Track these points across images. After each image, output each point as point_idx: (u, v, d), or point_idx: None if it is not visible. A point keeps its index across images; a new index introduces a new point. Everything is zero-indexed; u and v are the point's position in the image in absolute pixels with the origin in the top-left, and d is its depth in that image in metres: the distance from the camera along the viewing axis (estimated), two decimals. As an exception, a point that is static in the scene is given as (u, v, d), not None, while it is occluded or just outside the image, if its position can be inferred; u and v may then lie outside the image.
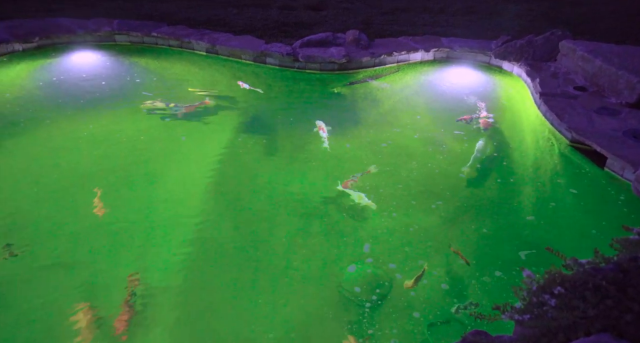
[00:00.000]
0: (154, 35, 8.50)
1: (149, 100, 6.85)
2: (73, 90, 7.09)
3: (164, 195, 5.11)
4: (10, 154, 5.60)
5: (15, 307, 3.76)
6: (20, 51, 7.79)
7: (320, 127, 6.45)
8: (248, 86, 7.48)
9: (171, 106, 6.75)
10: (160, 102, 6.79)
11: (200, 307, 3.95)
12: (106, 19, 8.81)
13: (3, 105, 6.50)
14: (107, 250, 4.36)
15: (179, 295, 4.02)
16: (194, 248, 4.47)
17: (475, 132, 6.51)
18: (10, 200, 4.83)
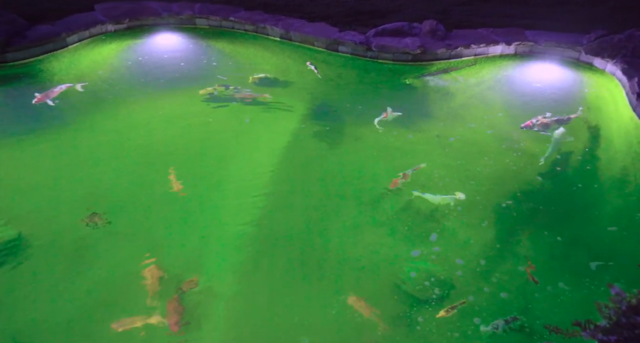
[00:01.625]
0: (232, 20, 8.75)
1: (217, 84, 7.07)
2: (155, 70, 7.49)
3: (232, 176, 5.27)
4: (96, 128, 6.02)
5: (95, 266, 4.08)
6: (113, 32, 8.36)
7: (387, 113, 6.37)
8: (314, 68, 7.53)
9: (229, 89, 6.92)
10: (228, 87, 6.99)
11: (259, 286, 4.05)
12: (189, 3, 9.19)
13: (95, 83, 7.01)
14: (178, 223, 4.59)
15: (239, 274, 4.15)
16: (258, 229, 4.57)
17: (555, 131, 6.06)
18: (94, 172, 5.20)
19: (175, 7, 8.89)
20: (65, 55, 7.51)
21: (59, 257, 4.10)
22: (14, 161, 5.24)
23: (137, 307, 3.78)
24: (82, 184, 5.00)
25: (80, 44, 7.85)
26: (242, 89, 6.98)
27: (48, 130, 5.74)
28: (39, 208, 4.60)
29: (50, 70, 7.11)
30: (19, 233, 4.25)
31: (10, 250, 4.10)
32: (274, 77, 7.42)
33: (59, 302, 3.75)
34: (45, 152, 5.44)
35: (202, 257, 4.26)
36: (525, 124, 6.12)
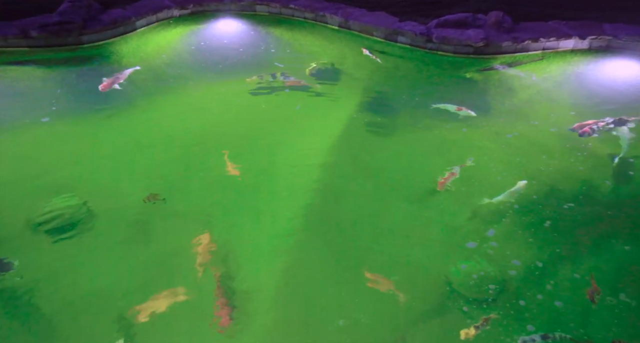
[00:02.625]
0: (292, 7, 8.80)
1: (265, 72, 7.14)
2: (215, 55, 7.69)
3: (284, 162, 5.33)
4: (157, 110, 6.26)
5: (151, 241, 4.29)
6: (178, 17, 8.68)
7: (460, 108, 6.19)
8: (371, 54, 7.43)
9: (277, 78, 6.95)
10: (275, 76, 7.04)
11: (306, 273, 4.08)
12: (251, -10, 9.34)
13: (158, 66, 7.31)
14: (231, 206, 4.70)
15: (286, 259, 4.19)
16: (307, 217, 4.59)
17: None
18: (153, 152, 5.41)
19: (237, -6, 9.07)
20: (133, 38, 7.89)
21: (119, 230, 4.33)
22: (83, 137, 5.58)
23: (187, 281, 3.93)
24: (142, 163, 5.24)
25: (148, 28, 8.22)
26: (293, 77, 7.01)
27: (114, 110, 6.06)
28: (103, 183, 4.87)
29: (120, 52, 7.49)
30: (85, 204, 4.53)
31: (76, 219, 4.39)
32: (330, 66, 7.39)
33: (118, 272, 3.97)
34: (110, 130, 5.74)
35: (253, 240, 4.35)
36: (582, 131, 5.64)
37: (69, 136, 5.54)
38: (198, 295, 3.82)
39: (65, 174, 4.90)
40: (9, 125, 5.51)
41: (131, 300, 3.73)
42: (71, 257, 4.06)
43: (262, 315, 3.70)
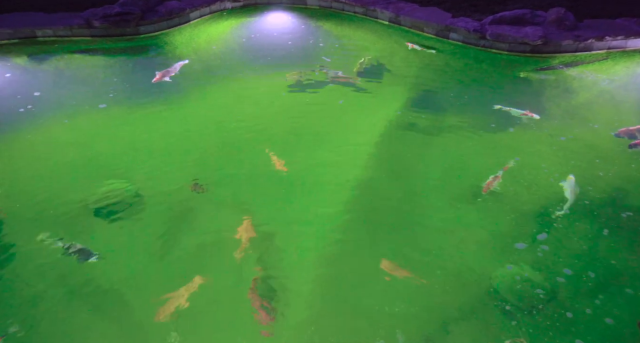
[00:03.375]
0: (342, 1, 8.74)
1: (320, 65, 7.13)
2: (264, 48, 7.78)
3: (328, 157, 5.31)
4: (206, 101, 6.41)
5: (195, 228, 4.41)
6: (230, 9, 8.86)
7: (526, 113, 5.89)
8: (418, 47, 7.26)
9: (320, 72, 6.90)
10: (315, 70, 7.00)
11: (345, 270, 4.05)
12: (302, -16, 9.38)
13: (209, 57, 7.49)
14: (273, 199, 4.74)
15: (328, 253, 4.19)
16: (350, 214, 4.56)
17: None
18: (201, 142, 5.54)
19: (289, -12, 9.12)
20: (187, 30, 8.12)
21: (165, 216, 4.48)
22: (136, 124, 5.81)
23: (227, 269, 4.01)
24: (190, 152, 5.37)
25: (201, 20, 8.43)
26: (339, 71, 6.96)
27: (165, 99, 6.26)
28: (153, 170, 5.04)
29: (173, 43, 7.74)
30: (136, 189, 4.72)
31: (127, 202, 4.58)
32: (378, 61, 7.29)
33: (162, 256, 4.10)
34: (161, 119, 5.94)
35: (293, 233, 4.37)
36: (635, 143, 5.18)
37: (124, 123, 5.79)
38: (236, 282, 3.89)
39: (118, 159, 5.13)
40: (71, 111, 5.83)
41: (173, 283, 3.86)
42: (120, 238, 4.23)
43: (299, 309, 3.72)
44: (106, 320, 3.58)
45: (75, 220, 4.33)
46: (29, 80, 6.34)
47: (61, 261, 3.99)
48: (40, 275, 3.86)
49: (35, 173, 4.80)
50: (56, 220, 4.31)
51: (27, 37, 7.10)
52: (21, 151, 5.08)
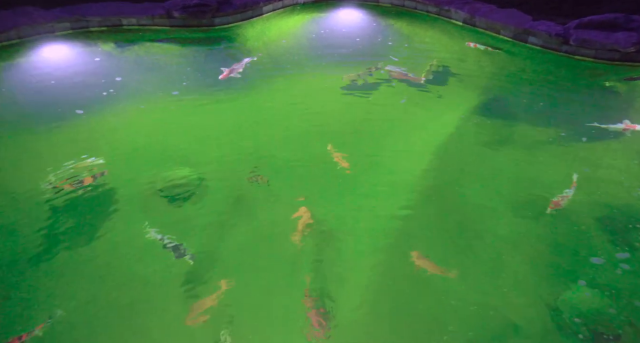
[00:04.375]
0: (416, 0, 8.53)
1: (386, 63, 7.00)
2: (332, 44, 7.78)
3: (387, 156, 5.24)
4: (272, 94, 6.49)
5: (252, 218, 4.52)
6: (302, 4, 8.94)
7: (628, 127, 5.42)
8: (482, 46, 6.93)
9: (390, 71, 6.75)
10: (371, 71, 6.86)
11: (397, 274, 3.99)
12: (375, -19, 9.26)
13: (278, 51, 7.61)
14: (331, 195, 4.74)
15: (380, 260, 4.13)
16: (407, 219, 4.47)
17: None
18: (264, 134, 5.64)
19: (361, -16, 9.04)
20: (259, 23, 8.30)
21: (225, 204, 4.62)
22: (205, 112, 6.03)
23: (282, 261, 4.08)
24: (253, 143, 5.49)
25: (273, 13, 8.58)
26: (406, 71, 6.80)
27: (233, 90, 6.44)
28: (216, 159, 5.21)
29: (245, 35, 7.94)
30: (199, 176, 4.91)
31: (191, 188, 4.77)
32: (447, 63, 7.05)
33: (221, 242, 4.25)
34: (228, 109, 6.12)
35: (349, 232, 4.36)
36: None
37: (193, 110, 6.04)
38: (290, 271, 3.94)
39: (185, 145, 5.36)
40: (147, 97, 6.16)
41: (228, 270, 3.98)
42: (187, 221, 4.41)
43: (353, 308, 3.70)
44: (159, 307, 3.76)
45: (145, 201, 4.57)
46: (113, 65, 6.79)
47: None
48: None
49: (113, 154, 5.13)
50: (130, 200, 4.57)
51: (114, 25, 7.59)
52: (102, 133, 5.45)
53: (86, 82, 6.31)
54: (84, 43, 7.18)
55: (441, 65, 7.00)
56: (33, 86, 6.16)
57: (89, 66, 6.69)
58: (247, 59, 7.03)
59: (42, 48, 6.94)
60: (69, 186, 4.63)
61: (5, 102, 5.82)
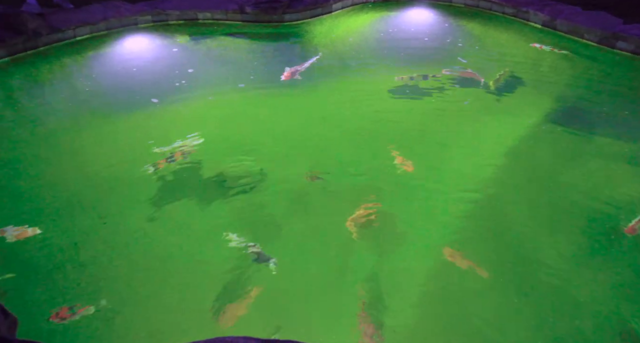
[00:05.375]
0: (491, 0, 8.17)
1: (453, 65, 6.78)
2: (400, 43, 7.66)
3: (452, 164, 5.07)
4: (336, 92, 6.49)
5: (314, 214, 4.55)
6: (372, 2, 8.87)
7: None
8: (548, 47, 6.51)
9: (456, 73, 6.48)
10: (460, 69, 6.61)
11: (457, 284, 3.88)
12: (449, -20, 8.98)
13: (344, 48, 7.60)
14: (392, 197, 4.66)
15: (436, 271, 4.03)
16: (466, 232, 4.30)
17: None
18: (324, 132, 5.65)
19: (435, -17, 8.81)
20: (327, 20, 8.35)
21: (283, 199, 4.68)
22: (270, 107, 6.15)
23: (336, 260, 4.09)
24: (313, 140, 5.54)
25: (343, 11, 8.59)
26: (473, 73, 6.54)
27: (296, 86, 6.51)
28: (277, 153, 5.30)
29: (313, 32, 8.02)
30: (260, 169, 5.01)
31: (251, 180, 4.88)
32: (520, 67, 6.69)
33: (277, 239, 4.32)
34: (292, 105, 6.21)
35: (407, 236, 4.29)
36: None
37: (257, 103, 6.19)
38: (341, 269, 3.95)
39: (248, 138, 5.51)
40: (216, 89, 6.41)
41: (279, 264, 4.05)
42: (242, 215, 4.52)
43: (408, 319, 3.64)
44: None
45: (208, 190, 4.77)
46: (187, 57, 7.14)
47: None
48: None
49: (180, 143, 5.39)
50: (194, 188, 4.79)
51: (190, 19, 7.98)
52: (172, 122, 5.75)
53: (162, 72, 6.69)
54: (163, 35, 7.61)
55: (513, 69, 6.66)
56: (116, 74, 6.63)
57: (165, 57, 7.09)
58: (309, 61, 7.03)
59: (126, 39, 7.44)
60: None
61: (92, 89, 6.32)
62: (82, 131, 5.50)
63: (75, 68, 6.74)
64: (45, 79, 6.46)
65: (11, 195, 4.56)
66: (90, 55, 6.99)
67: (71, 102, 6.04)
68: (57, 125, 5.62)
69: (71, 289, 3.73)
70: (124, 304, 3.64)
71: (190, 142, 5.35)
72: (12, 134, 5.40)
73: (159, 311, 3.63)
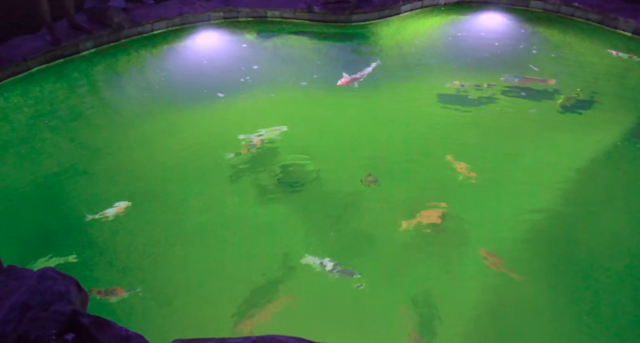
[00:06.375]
0: (574, 6, 7.64)
1: (523, 73, 6.43)
2: (468, 47, 7.37)
3: (516, 176, 4.85)
4: (397, 96, 6.35)
5: (357, 218, 4.52)
6: (442, 5, 8.62)
7: None
8: (625, 55, 6.03)
9: (525, 81, 6.13)
10: (530, 80, 6.25)
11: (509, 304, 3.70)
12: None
13: (409, 51, 7.45)
14: (452, 202, 4.57)
15: (493, 287, 3.88)
16: (526, 253, 4.11)
17: None
18: (382, 136, 5.58)
19: (510, -14, 8.39)
20: (395, 22, 8.22)
21: (332, 200, 4.69)
22: (329, 107, 6.16)
23: (386, 263, 4.04)
24: (370, 143, 5.48)
25: (411, 13, 8.42)
26: (542, 82, 6.16)
27: (358, 87, 6.46)
28: (333, 154, 5.31)
29: (379, 34, 7.94)
30: (315, 169, 5.04)
31: (306, 179, 4.92)
32: (603, 78, 6.21)
33: (320, 239, 4.34)
34: (350, 106, 6.17)
35: (464, 246, 4.15)
36: None
37: (317, 102, 6.24)
38: (391, 275, 3.89)
39: (306, 136, 5.57)
40: (278, 86, 6.54)
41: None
42: (293, 213, 4.57)
43: (457, 330, 3.53)
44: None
45: (263, 185, 4.88)
46: (253, 54, 7.34)
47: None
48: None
49: (242, 137, 5.56)
50: (250, 183, 4.91)
51: (260, 16, 8.19)
52: (234, 116, 5.95)
53: (229, 67, 6.92)
54: (232, 32, 7.87)
55: (593, 80, 6.20)
56: (187, 68, 6.96)
57: (233, 53, 7.33)
58: (369, 68, 6.83)
59: (199, 34, 7.78)
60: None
61: (164, 80, 6.68)
62: (153, 120, 5.83)
63: (150, 60, 7.15)
64: (123, 70, 6.91)
65: (89, 179, 4.90)
66: (164, 49, 7.38)
67: (145, 92, 6.43)
68: (131, 113, 6.01)
69: (130, 271, 3.97)
70: (175, 290, 3.82)
71: (250, 138, 5.50)
72: (93, 121, 5.85)
73: (202, 300, 3.76)
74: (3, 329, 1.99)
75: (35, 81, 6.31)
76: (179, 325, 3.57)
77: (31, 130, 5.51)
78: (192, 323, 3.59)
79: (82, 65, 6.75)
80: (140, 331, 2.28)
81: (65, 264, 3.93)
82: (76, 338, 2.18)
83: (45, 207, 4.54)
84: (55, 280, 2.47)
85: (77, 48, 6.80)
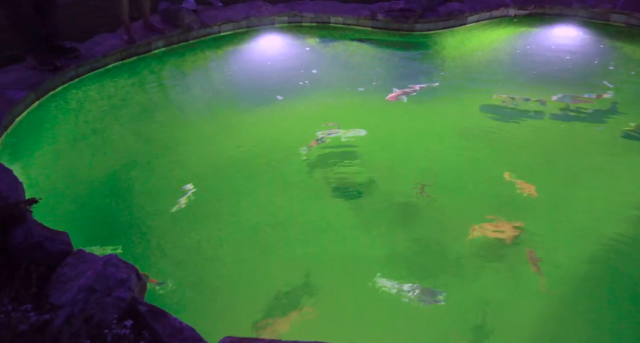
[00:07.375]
0: (659, 21, 7.11)
1: (593, 90, 6.08)
2: (535, 61, 7.04)
3: (582, 200, 4.58)
4: (454, 105, 6.16)
5: (413, 229, 4.42)
6: (512, 16, 8.28)
7: None
8: None
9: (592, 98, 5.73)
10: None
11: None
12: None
13: (472, 63, 7.20)
14: (502, 213, 4.41)
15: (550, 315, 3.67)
16: (590, 282, 3.86)
17: None
18: (438, 148, 5.44)
19: (591, 0, 7.93)
20: (460, 33, 8.01)
21: (387, 211, 4.60)
22: (384, 115, 6.09)
23: (438, 281, 3.93)
24: (427, 154, 5.37)
25: (477, 24, 8.17)
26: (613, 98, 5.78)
27: (418, 97, 6.35)
28: (388, 163, 5.21)
29: (443, 44, 7.76)
30: (370, 178, 4.96)
31: (359, 188, 4.85)
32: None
33: (374, 246, 4.29)
34: (408, 115, 6.07)
35: (521, 273, 3.96)
36: None
37: (375, 110, 6.18)
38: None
39: (361, 143, 5.53)
40: (336, 91, 6.56)
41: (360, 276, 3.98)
42: (350, 220, 4.55)
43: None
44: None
45: (317, 190, 4.88)
46: (313, 58, 7.41)
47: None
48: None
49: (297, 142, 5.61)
50: (304, 187, 4.93)
51: (323, 22, 8.26)
52: (292, 119, 6.03)
53: (289, 71, 7.03)
54: (295, 36, 8.00)
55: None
56: (249, 70, 7.15)
57: (294, 57, 7.45)
58: (420, 85, 6.58)
59: (262, 37, 7.97)
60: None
61: (226, 81, 6.90)
62: (214, 119, 6.03)
63: (215, 61, 7.41)
64: (189, 69, 7.21)
65: (150, 173, 5.12)
66: (229, 50, 7.62)
67: (208, 92, 6.67)
68: (193, 111, 6.24)
69: (184, 264, 4.10)
70: (219, 284, 3.90)
71: (305, 142, 5.53)
72: (157, 116, 6.13)
73: (249, 300, 3.80)
74: (72, 309, 2.10)
75: (111, 76, 6.72)
76: (225, 322, 3.63)
77: (103, 123, 5.86)
78: (242, 320, 3.63)
79: (152, 64, 7.11)
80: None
81: (124, 253, 4.12)
82: (134, 325, 2.27)
83: (110, 196, 4.80)
84: (118, 267, 2.60)
85: (150, 47, 7.18)
